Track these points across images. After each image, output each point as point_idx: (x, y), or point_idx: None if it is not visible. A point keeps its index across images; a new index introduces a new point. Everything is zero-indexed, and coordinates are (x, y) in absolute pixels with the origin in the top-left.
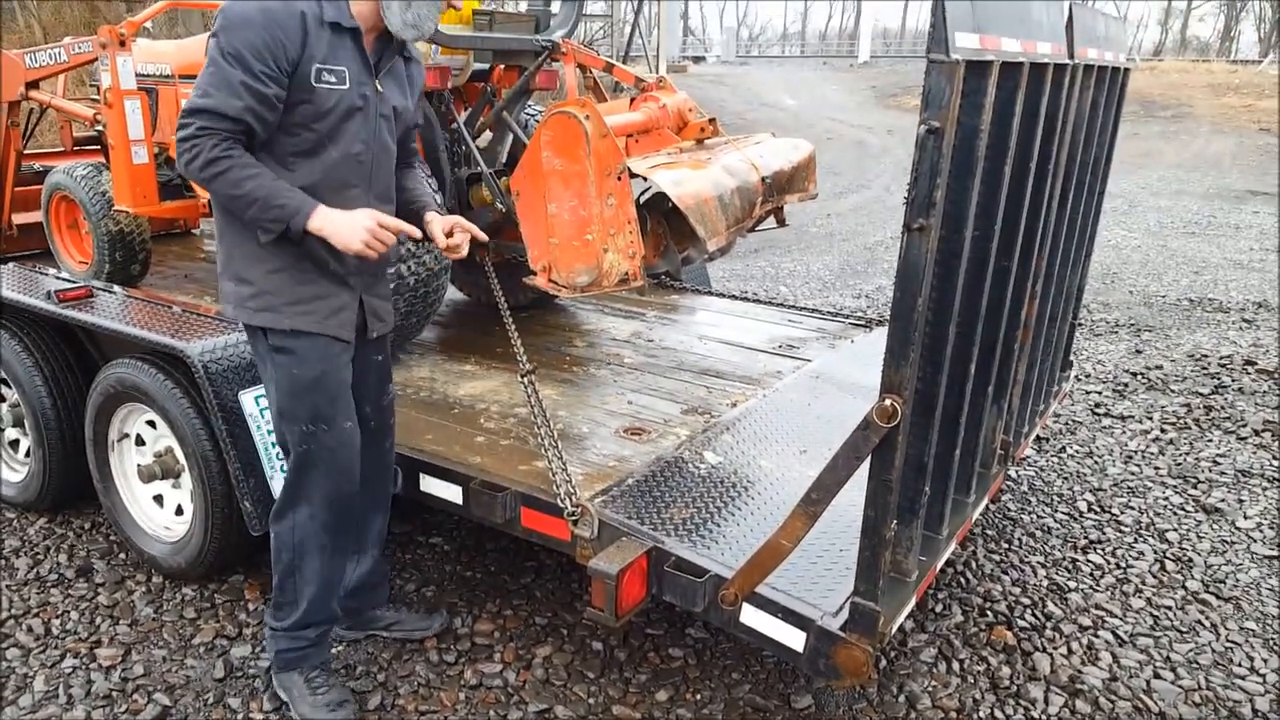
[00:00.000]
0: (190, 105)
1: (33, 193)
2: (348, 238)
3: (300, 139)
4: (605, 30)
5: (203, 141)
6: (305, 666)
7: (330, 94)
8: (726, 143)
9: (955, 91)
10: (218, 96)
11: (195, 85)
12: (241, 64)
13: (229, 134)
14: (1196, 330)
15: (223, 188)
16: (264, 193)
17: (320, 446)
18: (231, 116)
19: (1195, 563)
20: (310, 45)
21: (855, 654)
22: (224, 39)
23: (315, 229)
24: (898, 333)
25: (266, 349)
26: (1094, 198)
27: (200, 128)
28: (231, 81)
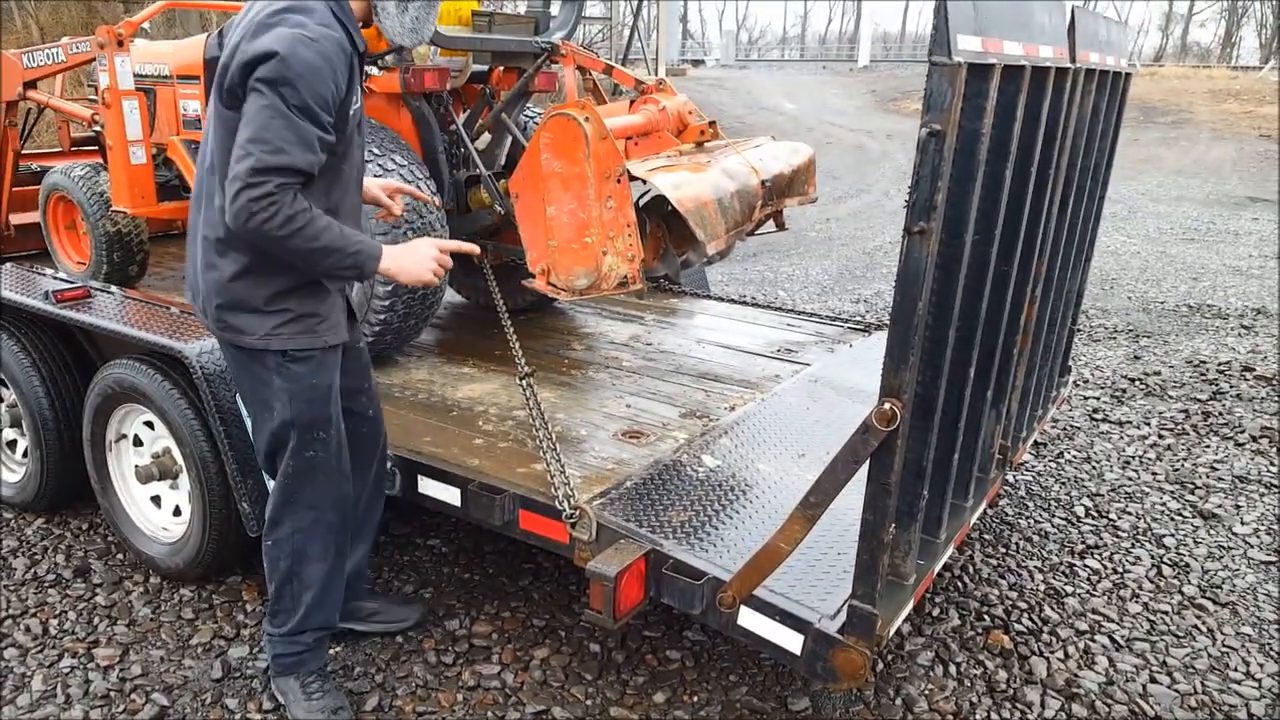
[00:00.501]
0: (261, 164)
1: (30, 193)
2: (418, 272)
3: (325, 165)
4: (604, 33)
5: (280, 198)
6: (302, 671)
7: (354, 116)
8: (726, 146)
9: (957, 94)
10: (294, 153)
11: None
12: (312, 118)
13: (298, 190)
14: (1195, 336)
15: (301, 243)
16: (340, 244)
17: (327, 452)
18: (304, 171)
19: (1192, 568)
20: (351, 80)
21: (853, 657)
22: (290, 93)
23: (384, 270)
24: (897, 336)
25: (278, 365)
26: (1094, 203)
27: (279, 184)
28: (307, 138)
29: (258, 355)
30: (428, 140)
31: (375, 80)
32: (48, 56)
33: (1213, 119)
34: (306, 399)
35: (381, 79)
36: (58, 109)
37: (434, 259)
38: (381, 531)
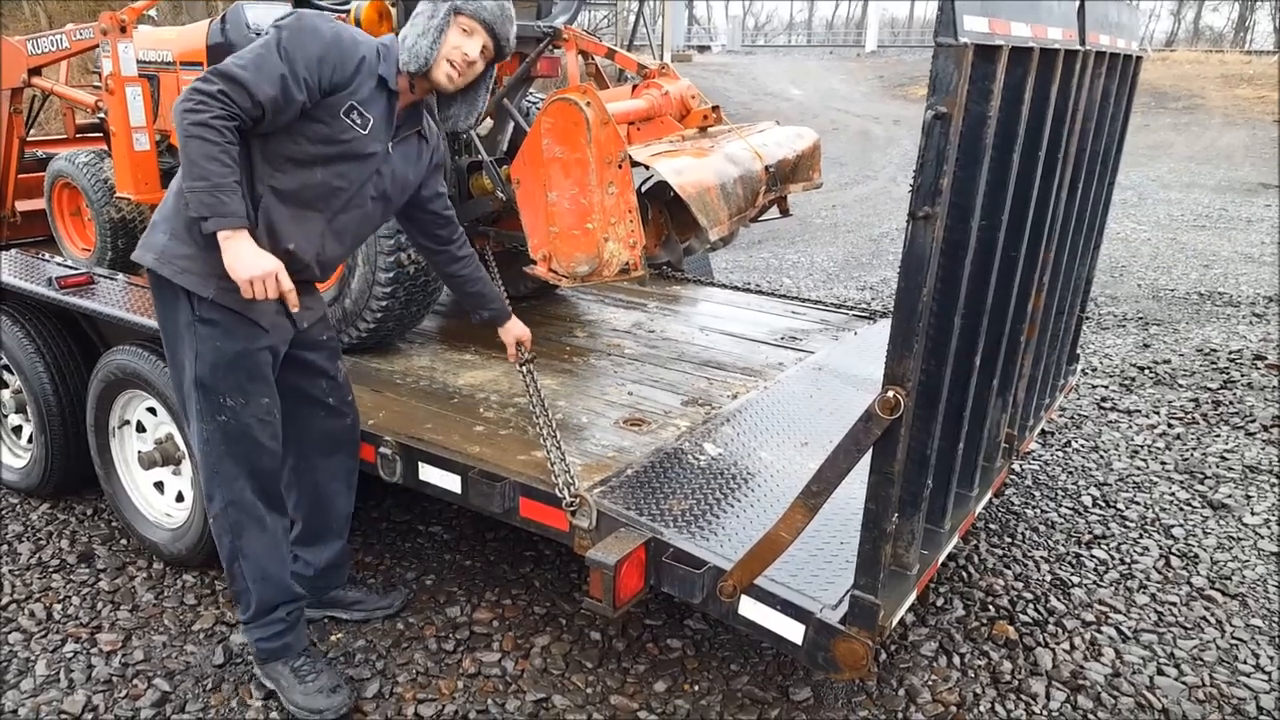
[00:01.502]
0: (223, 67)
1: (36, 180)
2: (245, 267)
3: (300, 148)
4: (610, 19)
5: (213, 106)
6: (289, 655)
7: (349, 130)
8: (730, 131)
9: (963, 76)
10: (252, 74)
11: (238, 54)
12: (289, 62)
13: (238, 112)
14: (1206, 324)
15: (193, 150)
16: (220, 181)
17: (239, 421)
18: (255, 98)
19: (1201, 559)
20: (356, 83)
21: (855, 647)
22: (286, 35)
23: (223, 239)
24: (901, 323)
25: (190, 319)
26: (1103, 189)
27: (221, 91)
28: (272, 70)
29: (172, 298)
30: None
31: None
32: (52, 43)
33: (1225, 104)
34: (212, 361)
35: None
36: (62, 96)
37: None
38: (382, 519)
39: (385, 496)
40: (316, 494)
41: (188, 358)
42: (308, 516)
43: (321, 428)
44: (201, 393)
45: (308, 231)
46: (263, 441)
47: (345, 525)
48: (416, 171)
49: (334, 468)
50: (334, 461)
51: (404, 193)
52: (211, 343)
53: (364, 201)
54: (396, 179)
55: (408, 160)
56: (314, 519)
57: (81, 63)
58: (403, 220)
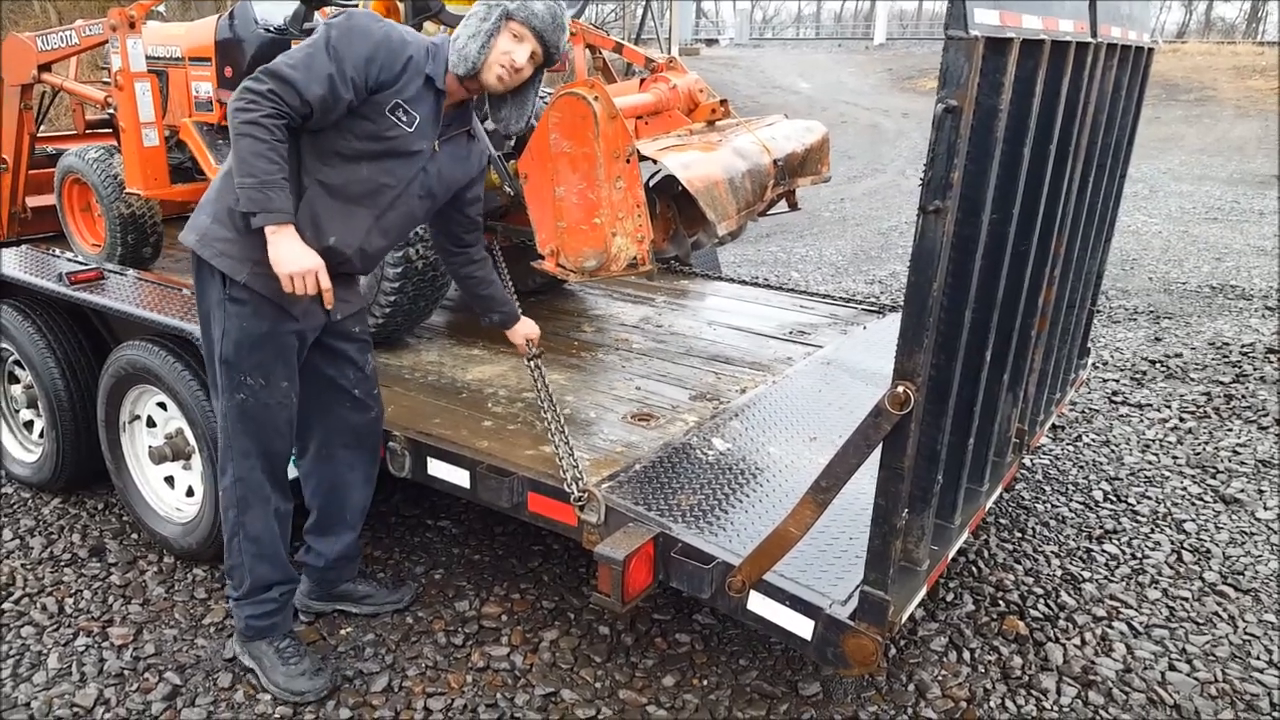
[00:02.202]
0: (273, 67)
1: (46, 176)
2: (287, 261)
3: (347, 144)
4: (617, 13)
5: (264, 105)
6: (275, 635)
7: (394, 127)
8: (738, 125)
9: (974, 69)
10: (302, 74)
11: (287, 54)
12: (337, 61)
13: (287, 110)
14: (1217, 318)
15: (243, 148)
16: (268, 178)
17: (257, 401)
18: (304, 97)
19: (1213, 554)
20: (402, 82)
21: (864, 643)
22: (336, 35)
23: (269, 234)
24: (912, 318)
25: (221, 297)
26: (1115, 181)
27: (271, 90)
28: (320, 69)
29: (209, 277)
30: None
31: None
32: (61, 39)
33: (1237, 96)
34: (237, 339)
35: None
36: (72, 92)
37: (306, 269)
38: (391, 513)
39: (394, 491)
40: (334, 484)
41: (216, 334)
42: (323, 506)
43: (346, 419)
44: (225, 369)
45: (353, 226)
46: (278, 425)
47: (359, 518)
48: (465, 170)
49: (354, 460)
50: (354, 454)
51: (449, 191)
52: (239, 321)
53: (411, 199)
54: (444, 177)
55: (455, 159)
56: (329, 509)
57: (90, 58)
58: (434, 218)
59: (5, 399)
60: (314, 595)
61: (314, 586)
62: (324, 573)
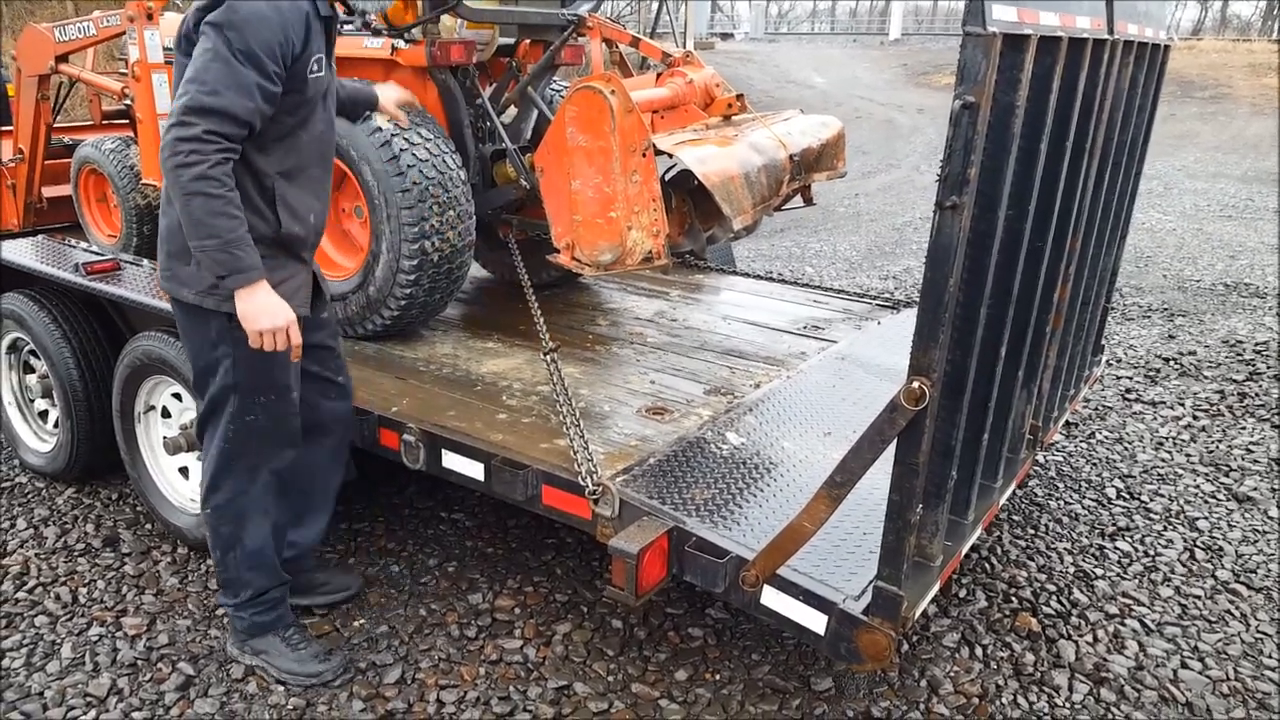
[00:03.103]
0: (194, 103)
1: (62, 166)
2: (260, 318)
3: (281, 125)
4: (633, 7)
5: (206, 151)
6: (280, 626)
7: (317, 82)
8: (754, 119)
9: (991, 66)
10: (229, 97)
11: (193, 79)
12: (255, 65)
13: (229, 146)
14: (1231, 315)
15: (196, 209)
16: (231, 236)
17: (269, 416)
18: (241, 119)
19: (1226, 552)
20: (309, 40)
21: (877, 638)
22: (235, 37)
23: (241, 299)
24: (927, 314)
25: (225, 330)
26: (1130, 179)
27: (207, 131)
28: (245, 83)
29: (202, 316)
30: (453, 114)
31: (402, 53)
32: (79, 30)
33: (1253, 94)
34: (250, 365)
35: (408, 52)
36: (89, 83)
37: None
38: (405, 505)
39: (409, 483)
40: (313, 474)
41: (224, 367)
42: (302, 497)
43: (331, 409)
44: (238, 397)
45: (317, 192)
46: (292, 433)
47: (331, 505)
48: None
49: (336, 445)
50: (337, 439)
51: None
52: (247, 346)
53: (330, 126)
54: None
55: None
56: (308, 498)
57: (107, 49)
58: None
59: (21, 388)
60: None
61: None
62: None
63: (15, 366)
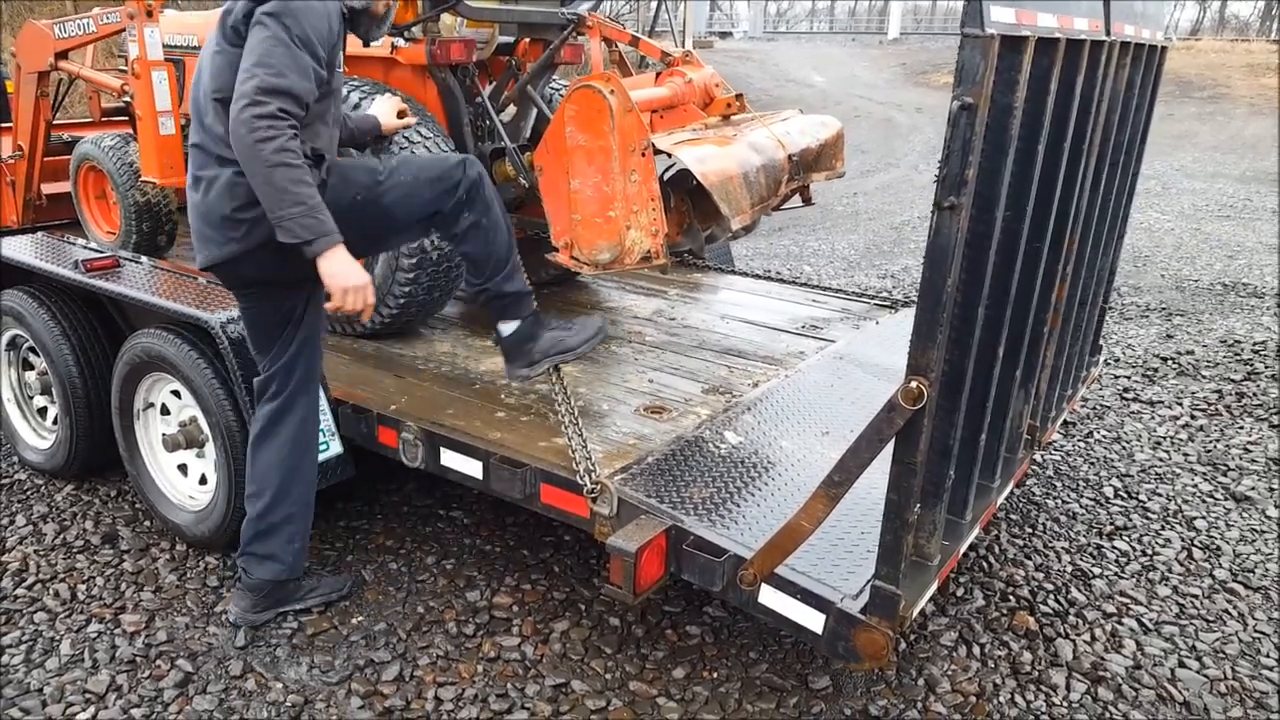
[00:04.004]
0: (265, 84)
1: (61, 163)
2: (345, 278)
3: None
4: (632, 6)
5: (282, 126)
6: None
7: (338, 76)
8: (753, 119)
9: (989, 67)
10: (294, 79)
11: (258, 63)
12: (310, 50)
13: (295, 124)
14: (1229, 315)
15: (280, 178)
16: (313, 201)
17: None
18: (302, 100)
19: (1224, 551)
20: (343, 34)
21: (875, 637)
22: (292, 24)
23: (324, 260)
24: (925, 314)
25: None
26: (1128, 179)
27: (281, 109)
28: (304, 66)
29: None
30: (453, 112)
31: (402, 51)
32: (79, 27)
33: (1251, 94)
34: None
35: (408, 50)
36: (88, 79)
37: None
38: (404, 503)
39: (407, 481)
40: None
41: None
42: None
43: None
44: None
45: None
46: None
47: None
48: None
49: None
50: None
51: None
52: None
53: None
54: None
55: None
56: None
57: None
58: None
59: (20, 385)
60: (258, 608)
61: (258, 599)
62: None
63: (14, 363)
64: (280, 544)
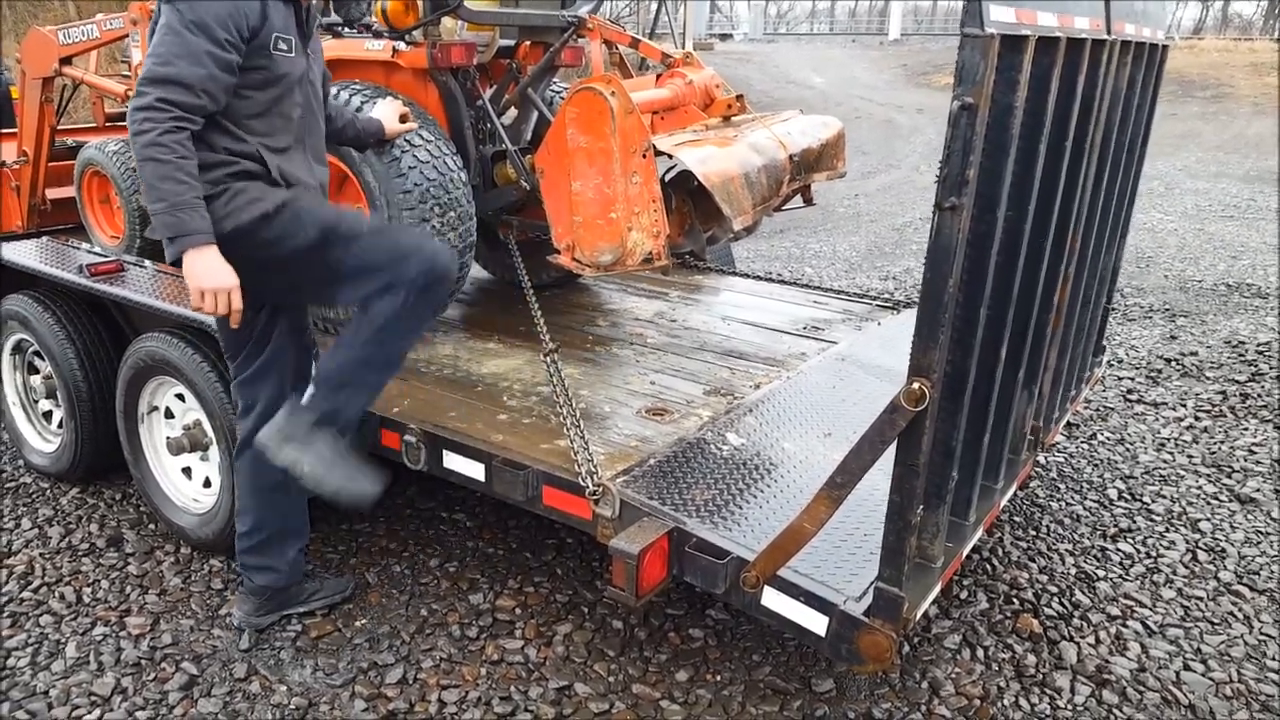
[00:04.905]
0: (148, 73)
1: (66, 168)
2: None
3: (252, 102)
4: (632, 7)
5: (158, 119)
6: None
7: (283, 61)
8: (754, 120)
9: (990, 67)
10: (180, 65)
11: (150, 53)
12: (206, 32)
13: (183, 115)
14: (1233, 316)
15: (148, 173)
16: (177, 199)
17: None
18: (193, 86)
19: (1228, 553)
20: (269, 14)
21: (878, 640)
22: (185, 8)
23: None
24: (927, 315)
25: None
26: (1130, 179)
27: (159, 99)
28: (195, 50)
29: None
30: (454, 115)
31: (402, 55)
32: (83, 33)
33: (1254, 93)
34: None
35: (409, 54)
36: (93, 85)
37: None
38: (406, 505)
39: (409, 484)
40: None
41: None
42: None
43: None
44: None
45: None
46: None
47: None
48: (321, 62)
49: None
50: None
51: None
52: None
53: (312, 116)
54: (316, 78)
55: (317, 59)
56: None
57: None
58: None
59: (25, 389)
60: (261, 611)
61: (260, 603)
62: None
63: (20, 367)
64: (274, 555)
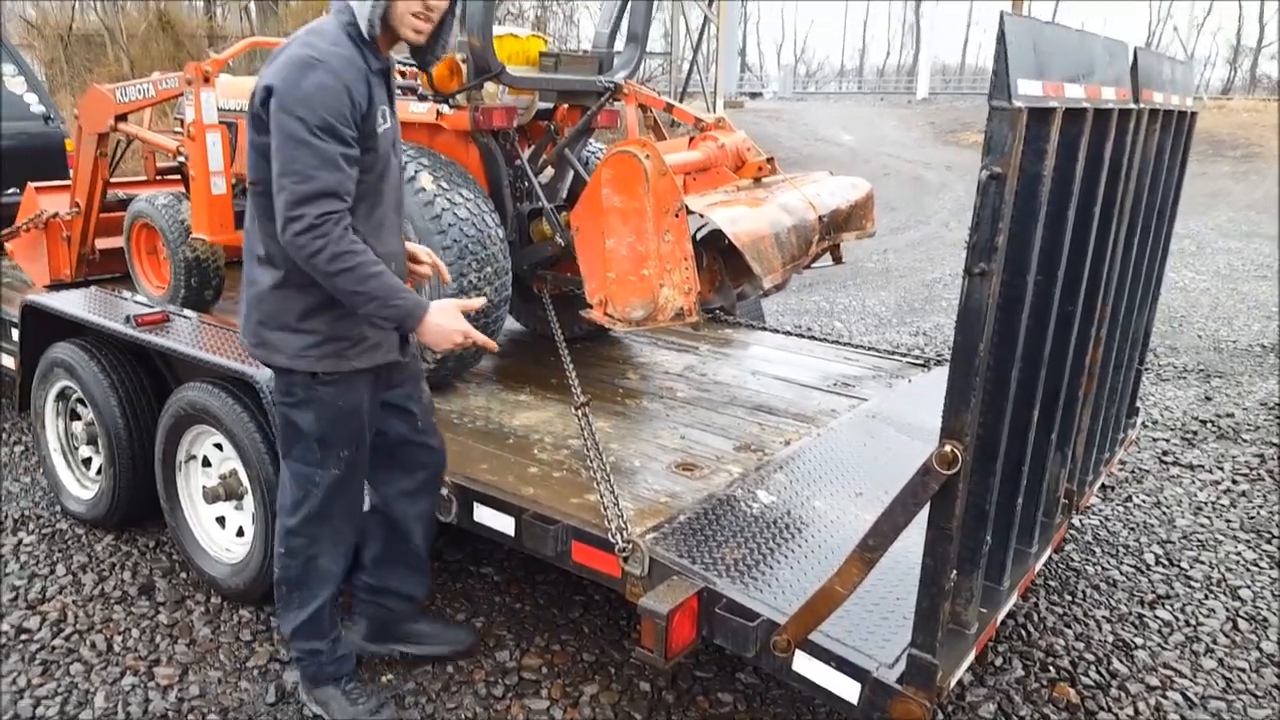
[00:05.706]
0: (295, 196)
1: (115, 219)
2: (440, 340)
3: (363, 184)
4: (664, 66)
5: (329, 231)
6: (342, 680)
7: (385, 135)
8: (784, 181)
9: (1018, 138)
10: (323, 176)
11: (284, 172)
12: (335, 135)
13: (341, 216)
14: (1269, 377)
15: (346, 283)
16: (384, 293)
17: (351, 470)
18: (339, 192)
19: (1270, 622)
20: (371, 95)
21: (911, 708)
22: (306, 114)
23: (421, 335)
24: (959, 378)
25: (306, 388)
26: (1160, 242)
27: (321, 215)
28: (330, 157)
29: (296, 377)
30: (494, 174)
31: (446, 118)
32: (139, 91)
33: None
34: (333, 419)
35: (452, 116)
36: (145, 140)
37: (460, 338)
38: (434, 558)
39: (438, 535)
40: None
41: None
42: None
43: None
44: (322, 450)
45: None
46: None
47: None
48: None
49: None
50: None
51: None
52: (334, 402)
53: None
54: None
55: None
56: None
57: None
58: None
59: (66, 435)
60: (371, 638)
61: (373, 629)
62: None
63: (62, 414)
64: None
